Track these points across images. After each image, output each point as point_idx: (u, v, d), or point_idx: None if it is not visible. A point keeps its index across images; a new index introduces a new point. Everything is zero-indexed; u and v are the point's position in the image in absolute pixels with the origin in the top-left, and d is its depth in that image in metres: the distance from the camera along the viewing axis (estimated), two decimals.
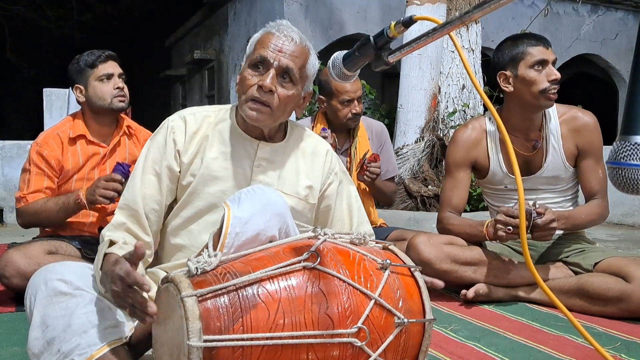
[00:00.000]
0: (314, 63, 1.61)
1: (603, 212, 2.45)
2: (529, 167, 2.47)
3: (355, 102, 2.87)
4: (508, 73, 2.39)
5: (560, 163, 2.44)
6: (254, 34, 1.62)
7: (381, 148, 3.14)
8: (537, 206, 2.22)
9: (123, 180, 2.27)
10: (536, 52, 2.32)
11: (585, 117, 2.43)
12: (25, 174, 2.48)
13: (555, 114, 2.45)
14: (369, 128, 3.12)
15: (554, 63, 2.35)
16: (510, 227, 2.19)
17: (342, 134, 3.04)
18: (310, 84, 1.65)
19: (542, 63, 2.32)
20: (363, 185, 2.96)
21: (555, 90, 2.33)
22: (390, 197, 3.18)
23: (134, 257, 1.21)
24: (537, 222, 2.19)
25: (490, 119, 2.52)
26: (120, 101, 2.52)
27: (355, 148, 3.01)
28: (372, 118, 4.10)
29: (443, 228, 2.53)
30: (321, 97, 2.98)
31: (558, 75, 2.32)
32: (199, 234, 1.57)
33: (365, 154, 2.85)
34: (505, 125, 2.42)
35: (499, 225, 2.21)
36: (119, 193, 2.26)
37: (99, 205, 2.42)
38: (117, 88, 2.51)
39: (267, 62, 1.53)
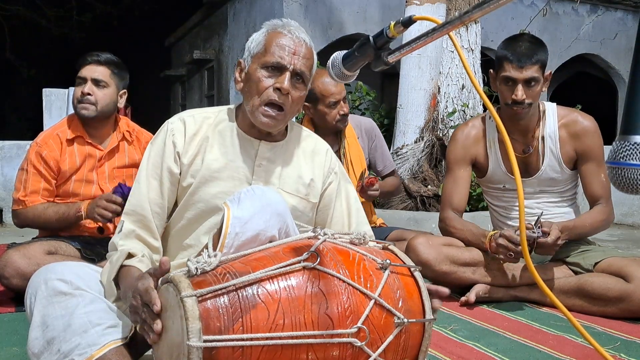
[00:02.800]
0: (316, 62, 1.64)
1: (607, 217, 2.42)
2: (527, 169, 2.47)
3: (341, 102, 2.84)
4: (493, 74, 2.42)
5: (557, 165, 2.44)
6: (258, 32, 1.61)
7: (373, 144, 3.13)
8: (541, 224, 2.21)
9: (122, 202, 2.24)
10: (509, 68, 2.28)
11: (585, 122, 2.41)
12: (22, 174, 2.47)
13: (555, 116, 2.43)
14: (358, 126, 3.09)
15: (530, 81, 2.28)
16: (512, 253, 2.20)
17: (330, 137, 3.00)
18: None
19: (511, 81, 2.30)
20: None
21: (520, 108, 2.30)
22: (395, 193, 3.22)
23: (158, 273, 1.21)
24: (542, 242, 2.18)
25: (490, 118, 2.51)
26: (83, 108, 2.44)
27: (345, 149, 2.99)
28: (371, 118, 4.10)
29: (444, 228, 2.53)
30: (306, 104, 2.86)
31: (519, 97, 2.27)
32: (204, 235, 1.56)
33: (362, 175, 2.81)
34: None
35: (501, 250, 2.22)
36: (118, 214, 2.26)
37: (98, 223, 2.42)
38: (82, 93, 2.44)
39: (283, 66, 1.53)
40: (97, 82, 2.46)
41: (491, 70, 2.44)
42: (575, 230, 2.36)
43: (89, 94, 2.44)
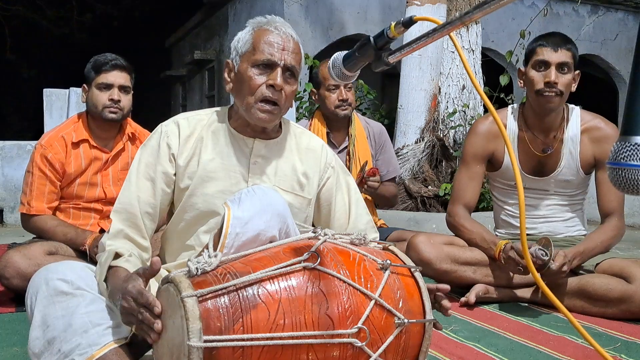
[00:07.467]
0: (304, 55, 1.67)
1: (619, 232, 2.38)
2: (544, 169, 2.45)
3: (342, 88, 2.91)
4: (522, 69, 2.42)
5: (574, 168, 2.42)
6: (243, 30, 1.62)
7: (381, 149, 3.14)
8: (550, 251, 2.16)
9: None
10: (541, 52, 2.31)
11: (608, 129, 2.40)
12: (28, 177, 2.47)
13: (578, 120, 2.42)
14: (367, 128, 3.13)
15: (562, 66, 2.29)
16: (521, 268, 2.21)
17: (340, 132, 3.05)
18: None
19: (544, 64, 2.30)
20: None
21: (553, 94, 2.29)
22: (391, 201, 3.18)
23: (147, 273, 1.22)
24: (550, 268, 2.15)
25: (512, 113, 2.49)
26: (112, 112, 2.48)
27: (354, 146, 3.01)
28: (371, 118, 4.10)
29: (452, 224, 2.50)
30: (313, 90, 3.06)
31: (552, 78, 2.27)
32: (204, 235, 1.57)
33: (364, 166, 2.83)
34: (525, 122, 2.43)
35: (510, 261, 2.23)
36: None
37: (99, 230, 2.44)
38: (111, 100, 2.46)
39: (274, 62, 1.54)
40: (124, 88, 2.51)
41: (520, 68, 2.44)
42: (585, 253, 2.30)
43: (119, 100, 2.48)
